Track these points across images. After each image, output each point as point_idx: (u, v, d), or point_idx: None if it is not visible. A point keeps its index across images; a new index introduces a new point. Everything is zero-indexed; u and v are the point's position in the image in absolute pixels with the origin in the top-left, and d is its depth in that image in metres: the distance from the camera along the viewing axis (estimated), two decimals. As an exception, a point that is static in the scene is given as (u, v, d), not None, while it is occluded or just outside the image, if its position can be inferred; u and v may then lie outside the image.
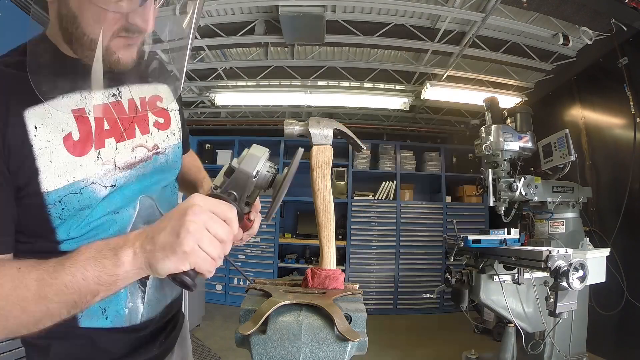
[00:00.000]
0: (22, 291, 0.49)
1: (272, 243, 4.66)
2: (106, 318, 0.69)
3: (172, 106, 0.84)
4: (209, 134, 5.32)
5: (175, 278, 0.51)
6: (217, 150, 5.00)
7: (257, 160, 0.61)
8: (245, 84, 4.20)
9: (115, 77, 0.68)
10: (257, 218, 0.80)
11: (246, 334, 0.52)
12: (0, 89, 0.59)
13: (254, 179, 0.61)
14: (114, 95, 0.72)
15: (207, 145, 5.08)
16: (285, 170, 0.64)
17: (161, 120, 0.80)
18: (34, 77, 0.57)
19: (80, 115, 0.65)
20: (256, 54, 3.82)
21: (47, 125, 0.61)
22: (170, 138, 0.81)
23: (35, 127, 0.60)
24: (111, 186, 0.67)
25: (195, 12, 0.64)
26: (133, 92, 0.75)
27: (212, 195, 0.57)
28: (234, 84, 4.24)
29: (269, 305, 0.55)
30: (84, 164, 0.64)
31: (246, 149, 0.63)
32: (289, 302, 0.57)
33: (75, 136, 0.64)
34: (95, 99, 0.68)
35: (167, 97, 0.82)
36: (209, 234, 0.51)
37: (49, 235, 0.63)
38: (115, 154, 0.69)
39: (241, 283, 4.59)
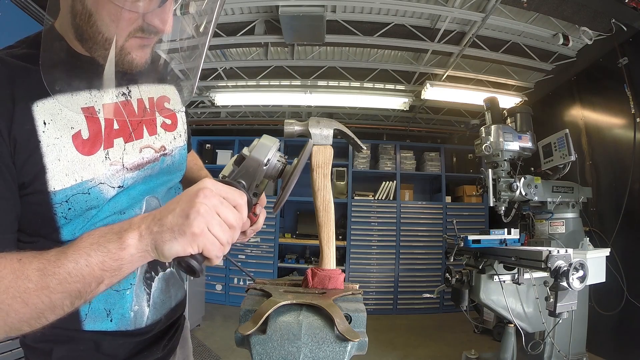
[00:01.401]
0: (23, 282, 0.47)
1: (272, 243, 4.66)
2: (111, 321, 0.67)
3: (179, 107, 0.83)
4: (209, 134, 5.32)
5: (181, 262, 0.50)
6: (217, 150, 5.01)
7: (269, 149, 0.61)
8: (245, 84, 4.20)
9: (127, 76, 0.66)
10: (262, 213, 0.79)
11: (246, 334, 0.52)
12: (6, 79, 0.57)
13: (264, 167, 0.61)
14: (123, 94, 0.71)
15: (207, 145, 5.08)
16: (295, 160, 0.64)
17: (168, 121, 0.80)
18: (46, 73, 0.56)
19: (90, 114, 0.64)
20: (256, 54, 3.82)
21: (57, 122, 0.60)
22: (177, 140, 0.80)
23: (45, 123, 0.58)
24: (119, 187, 0.66)
25: (215, 13, 0.62)
26: (142, 92, 0.74)
27: (222, 181, 0.56)
28: (234, 84, 4.24)
29: (269, 305, 0.55)
30: (92, 163, 0.63)
31: (257, 139, 0.63)
32: (289, 302, 0.57)
33: (85, 135, 0.63)
34: (105, 98, 0.66)
35: (175, 98, 0.81)
36: (219, 218, 0.50)
37: (52, 235, 0.61)
38: (124, 154, 0.68)
39: (241, 283, 4.60)
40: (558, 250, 1.62)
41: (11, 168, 0.56)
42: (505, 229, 2.09)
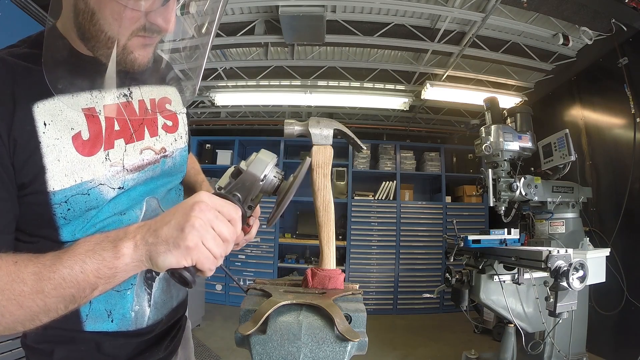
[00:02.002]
0: (18, 285, 0.48)
1: (272, 243, 4.66)
2: (112, 321, 0.67)
3: (180, 108, 0.83)
4: (209, 134, 5.32)
5: (175, 273, 0.50)
6: (217, 150, 5.01)
7: (266, 165, 0.62)
8: (245, 84, 4.20)
9: (129, 76, 0.65)
10: (255, 224, 0.79)
11: (246, 334, 0.52)
12: (7, 79, 0.57)
13: (260, 183, 0.61)
14: (125, 95, 0.70)
15: (207, 145, 5.08)
16: (292, 177, 0.64)
17: (169, 123, 0.79)
18: (48, 72, 0.56)
19: (90, 115, 0.64)
20: (256, 54, 3.82)
21: (57, 123, 0.60)
22: (177, 141, 0.80)
23: (45, 124, 0.58)
24: (119, 188, 0.66)
25: (218, 13, 0.62)
26: (143, 93, 0.74)
27: (218, 194, 0.56)
28: (234, 84, 4.24)
29: (269, 305, 0.55)
30: (92, 164, 0.63)
31: (254, 153, 0.63)
32: (289, 302, 0.57)
33: (85, 135, 0.63)
34: (106, 98, 0.66)
35: (177, 99, 0.80)
36: (213, 231, 0.51)
37: (52, 236, 0.61)
38: (124, 155, 0.68)
39: (241, 283, 4.60)
40: (558, 250, 1.62)
41: (9, 169, 0.56)
42: (505, 229, 2.09)
